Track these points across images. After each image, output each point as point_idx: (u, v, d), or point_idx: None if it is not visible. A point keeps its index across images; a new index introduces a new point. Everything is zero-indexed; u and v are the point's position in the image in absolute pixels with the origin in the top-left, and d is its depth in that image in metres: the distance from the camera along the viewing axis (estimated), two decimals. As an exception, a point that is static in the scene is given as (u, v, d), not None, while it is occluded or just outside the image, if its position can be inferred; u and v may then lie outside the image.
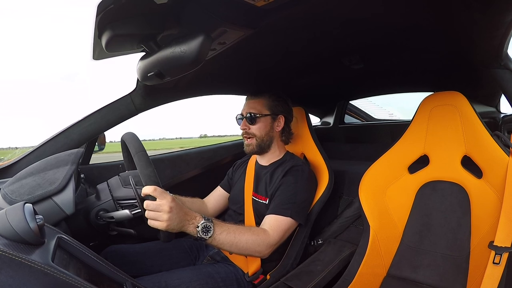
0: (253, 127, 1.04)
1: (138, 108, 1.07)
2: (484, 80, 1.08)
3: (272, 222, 0.89)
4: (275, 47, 0.91)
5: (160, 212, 0.67)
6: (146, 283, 0.80)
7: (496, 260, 0.69)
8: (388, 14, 0.72)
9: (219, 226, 0.77)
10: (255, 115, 1.03)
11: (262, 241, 0.83)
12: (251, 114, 1.03)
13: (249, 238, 0.81)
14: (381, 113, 2.25)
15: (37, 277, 0.37)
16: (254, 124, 1.04)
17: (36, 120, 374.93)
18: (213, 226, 0.75)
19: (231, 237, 0.78)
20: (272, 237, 0.86)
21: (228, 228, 0.78)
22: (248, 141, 1.06)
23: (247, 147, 1.06)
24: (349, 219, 1.17)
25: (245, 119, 1.05)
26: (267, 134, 1.05)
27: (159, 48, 0.61)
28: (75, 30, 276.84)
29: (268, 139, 1.05)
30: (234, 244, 0.78)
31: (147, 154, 0.71)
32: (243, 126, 1.05)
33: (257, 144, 1.04)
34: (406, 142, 0.93)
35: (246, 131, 1.05)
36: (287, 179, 0.97)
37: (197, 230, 0.73)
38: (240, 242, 0.79)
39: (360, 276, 0.89)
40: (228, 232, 0.78)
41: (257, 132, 1.04)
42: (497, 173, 0.77)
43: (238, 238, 0.79)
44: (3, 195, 0.67)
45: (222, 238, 0.76)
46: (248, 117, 1.04)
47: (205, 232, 0.73)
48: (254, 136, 1.04)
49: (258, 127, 1.04)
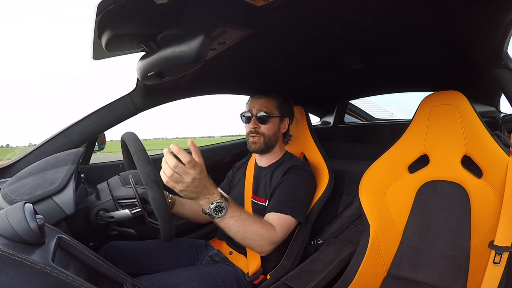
0: (263, 126, 1.02)
1: (138, 108, 1.07)
2: (484, 80, 1.08)
3: (276, 219, 0.88)
4: (275, 47, 0.91)
5: (182, 178, 0.66)
6: (146, 282, 0.80)
7: (496, 259, 0.69)
8: (388, 14, 0.72)
9: (232, 210, 0.75)
10: (268, 115, 1.02)
11: (268, 236, 0.82)
12: (263, 113, 1.02)
13: (256, 231, 0.79)
14: (381, 113, 2.25)
15: (37, 277, 0.37)
16: (266, 123, 1.02)
17: (43, 120, 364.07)
18: (226, 209, 0.73)
19: (239, 224, 0.76)
20: (277, 234, 0.86)
21: (240, 215, 0.77)
22: (254, 139, 1.03)
23: (253, 145, 1.04)
24: (349, 218, 1.17)
25: (255, 118, 1.03)
26: (274, 135, 1.04)
27: (159, 47, 0.61)
28: (80, 30, 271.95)
29: (275, 140, 1.05)
30: (239, 232, 0.77)
31: (147, 153, 0.71)
32: (253, 124, 1.03)
33: (265, 143, 1.03)
34: (406, 141, 0.93)
35: (255, 130, 1.02)
36: (287, 178, 0.97)
37: (210, 207, 0.72)
38: (247, 232, 0.78)
39: (360, 276, 0.89)
40: (239, 219, 0.76)
41: (266, 131, 1.02)
42: (497, 173, 0.77)
43: (246, 227, 0.77)
44: (3, 195, 0.67)
45: (230, 223, 0.75)
46: (259, 116, 1.02)
47: (216, 212, 0.72)
48: (263, 135, 1.02)
49: (269, 127, 1.02)
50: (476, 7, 0.64)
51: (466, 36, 0.81)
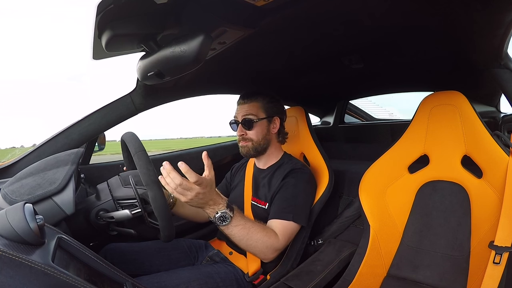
0: (250, 132, 1.01)
1: (138, 108, 1.07)
2: (484, 80, 1.08)
3: (278, 226, 0.88)
4: (275, 47, 0.91)
5: (187, 192, 0.70)
6: (146, 282, 0.80)
7: (496, 260, 0.69)
8: (388, 14, 0.72)
9: (237, 219, 0.78)
10: (252, 120, 1.00)
11: (271, 244, 0.84)
12: (247, 119, 1.00)
13: (260, 239, 0.81)
14: (381, 113, 2.25)
15: (37, 278, 0.37)
16: (251, 129, 1.01)
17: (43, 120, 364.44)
18: (231, 218, 0.76)
19: (244, 233, 0.79)
20: (280, 242, 0.86)
21: (244, 224, 0.79)
22: (243, 143, 1.03)
23: (243, 149, 1.04)
24: (349, 219, 1.16)
25: (241, 125, 1.02)
26: (264, 138, 1.03)
27: (159, 47, 0.61)
28: (80, 30, 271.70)
29: (265, 143, 1.04)
30: (243, 240, 0.79)
31: (147, 153, 0.71)
32: (239, 131, 1.02)
33: (253, 147, 1.02)
34: (406, 141, 0.93)
35: (243, 137, 1.02)
36: (287, 182, 0.96)
37: (215, 216, 0.75)
38: (250, 240, 0.80)
39: (360, 276, 0.89)
40: (244, 227, 0.79)
41: (254, 136, 1.01)
42: (497, 173, 0.77)
43: (250, 235, 0.80)
44: (3, 195, 0.67)
45: (234, 231, 0.78)
46: (244, 122, 1.01)
47: (220, 221, 0.76)
48: (251, 141, 1.02)
49: (255, 131, 1.01)
50: (476, 7, 0.64)
51: (466, 36, 0.80)
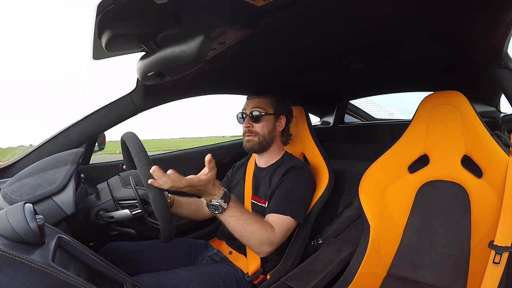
0: (256, 125, 1.03)
1: (138, 108, 1.07)
2: (484, 80, 1.08)
3: (275, 220, 0.88)
4: (275, 47, 0.91)
5: (179, 185, 0.72)
6: (146, 281, 0.80)
7: (496, 259, 0.69)
8: (388, 14, 0.72)
9: (232, 210, 0.78)
10: (260, 113, 1.03)
11: (267, 237, 0.83)
12: (255, 112, 1.03)
13: (255, 231, 0.81)
14: (381, 113, 2.25)
15: (37, 277, 0.37)
16: (258, 122, 1.03)
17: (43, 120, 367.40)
18: (224, 209, 0.77)
19: (238, 224, 0.79)
20: (277, 236, 0.86)
21: (240, 215, 0.79)
22: (249, 137, 1.04)
23: (248, 143, 1.05)
24: (349, 218, 1.17)
25: (249, 117, 1.04)
26: (269, 133, 1.04)
27: (159, 47, 0.61)
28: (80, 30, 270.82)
29: (270, 138, 1.05)
30: (237, 230, 0.79)
31: (147, 154, 0.72)
32: (246, 123, 1.04)
33: (259, 142, 1.03)
34: (406, 141, 0.93)
35: (249, 129, 1.04)
36: (286, 179, 0.97)
37: (207, 203, 0.77)
38: (245, 231, 0.80)
39: (360, 276, 0.89)
40: (238, 218, 0.79)
41: (260, 130, 1.03)
42: (497, 173, 0.77)
43: (245, 227, 0.80)
44: (3, 195, 0.67)
45: (228, 220, 0.79)
46: (252, 115, 1.03)
47: (213, 209, 0.77)
48: (257, 135, 1.03)
49: (262, 125, 1.03)
50: (476, 7, 0.64)
51: (466, 36, 0.80)
